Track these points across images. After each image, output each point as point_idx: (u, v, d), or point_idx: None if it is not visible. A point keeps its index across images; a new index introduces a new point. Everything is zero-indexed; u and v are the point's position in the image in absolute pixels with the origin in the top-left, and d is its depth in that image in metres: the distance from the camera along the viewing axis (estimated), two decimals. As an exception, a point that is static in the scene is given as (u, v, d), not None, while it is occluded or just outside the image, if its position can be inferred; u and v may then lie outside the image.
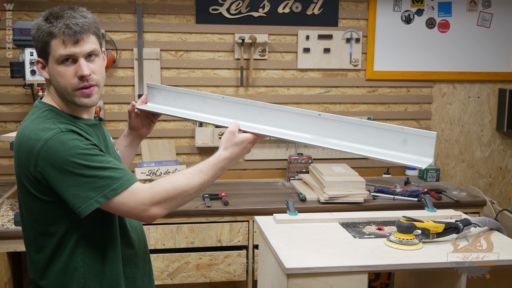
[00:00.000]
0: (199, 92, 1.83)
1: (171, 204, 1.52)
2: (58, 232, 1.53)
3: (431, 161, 1.48)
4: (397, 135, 1.51)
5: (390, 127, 1.53)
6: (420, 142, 1.49)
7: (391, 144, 1.52)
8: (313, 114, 1.63)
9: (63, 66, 1.50)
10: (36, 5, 3.31)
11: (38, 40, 1.51)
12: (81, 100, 1.53)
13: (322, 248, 2.02)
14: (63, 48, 1.48)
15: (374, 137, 1.54)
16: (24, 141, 1.49)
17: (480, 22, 3.79)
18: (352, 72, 3.71)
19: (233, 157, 1.62)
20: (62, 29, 1.47)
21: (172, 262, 2.94)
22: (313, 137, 1.63)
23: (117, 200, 1.47)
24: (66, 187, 1.44)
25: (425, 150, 1.48)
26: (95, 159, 1.46)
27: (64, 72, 1.50)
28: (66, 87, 1.51)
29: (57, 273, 1.55)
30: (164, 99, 1.88)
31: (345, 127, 1.58)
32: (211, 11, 3.49)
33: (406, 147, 1.50)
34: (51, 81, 1.55)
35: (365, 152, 1.54)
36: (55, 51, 1.49)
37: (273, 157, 3.68)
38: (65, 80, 1.51)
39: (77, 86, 1.51)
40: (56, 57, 1.49)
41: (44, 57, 1.53)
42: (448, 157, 3.90)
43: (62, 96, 1.55)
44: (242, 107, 1.74)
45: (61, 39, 1.48)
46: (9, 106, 3.38)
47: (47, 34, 1.49)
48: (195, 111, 1.83)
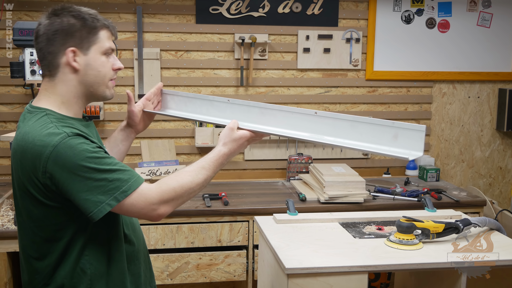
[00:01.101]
0: (207, 96, 1.92)
1: (178, 201, 1.56)
2: (65, 236, 1.53)
3: (420, 154, 1.55)
4: (389, 130, 1.59)
5: (382, 122, 1.60)
6: (410, 136, 1.56)
7: (383, 139, 1.60)
8: (310, 113, 1.71)
9: (106, 58, 1.59)
10: (36, 5, 3.31)
11: (84, 28, 1.54)
12: (111, 91, 1.64)
13: (322, 248, 2.02)
14: (109, 41, 1.60)
15: (367, 133, 1.62)
16: (28, 148, 1.48)
17: (480, 22, 3.79)
18: (352, 72, 3.71)
19: (231, 153, 1.68)
20: (109, 23, 1.60)
21: (172, 262, 2.94)
22: (310, 135, 1.71)
23: (127, 202, 1.48)
24: (77, 192, 1.45)
25: (415, 144, 1.56)
26: (103, 161, 1.47)
27: (107, 63, 1.59)
28: (106, 76, 1.60)
29: (64, 277, 1.55)
30: (177, 104, 1.98)
31: (339, 124, 1.66)
32: (211, 11, 3.49)
33: (397, 142, 1.58)
34: (86, 71, 1.56)
35: (358, 147, 1.62)
36: (103, 42, 1.58)
37: (273, 157, 3.68)
38: (106, 70, 1.60)
39: (112, 77, 1.63)
40: (105, 48, 1.58)
41: (83, 46, 1.55)
42: (448, 157, 3.90)
43: (88, 89, 1.59)
44: (245, 109, 1.81)
45: (110, 32, 1.60)
46: (9, 106, 3.38)
47: (100, 24, 1.57)
48: (204, 114, 1.93)
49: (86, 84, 1.57)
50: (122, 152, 1.90)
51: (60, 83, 1.56)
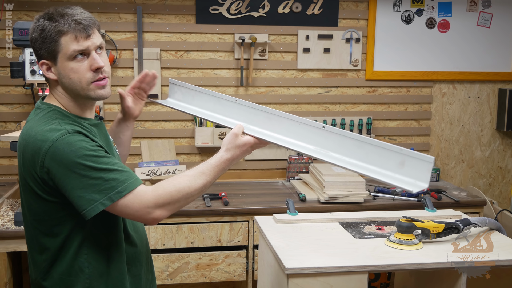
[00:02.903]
0: (215, 92, 1.88)
1: (174, 206, 1.53)
2: (63, 232, 1.53)
3: (425, 186, 1.50)
4: (396, 156, 1.54)
5: (390, 147, 1.55)
6: (417, 165, 1.51)
7: (389, 164, 1.55)
8: (317, 126, 1.66)
9: (76, 62, 1.51)
10: (36, 5, 3.31)
11: (45, 40, 1.50)
12: (97, 92, 1.55)
13: (322, 248, 2.02)
14: (75, 44, 1.50)
15: (373, 155, 1.57)
16: (30, 142, 1.49)
17: (480, 22, 3.79)
18: (352, 72, 3.71)
19: (234, 159, 1.62)
20: (72, 25, 1.49)
21: (172, 262, 2.94)
22: (315, 149, 1.65)
23: (121, 203, 1.47)
24: (72, 189, 1.45)
25: (421, 174, 1.51)
26: (101, 160, 1.46)
27: (78, 68, 1.51)
28: (81, 81, 1.52)
29: (61, 274, 1.55)
30: (184, 96, 1.95)
31: (346, 141, 1.61)
32: (211, 11, 3.49)
33: (404, 169, 1.53)
34: (61, 79, 1.54)
35: (363, 170, 1.56)
36: (67, 48, 1.50)
37: (273, 157, 3.68)
38: (80, 75, 1.52)
39: (92, 79, 1.53)
40: (69, 53, 1.50)
41: (51, 57, 1.52)
42: (448, 157, 3.90)
43: (74, 94, 1.55)
44: (252, 112, 1.77)
45: (73, 35, 1.49)
46: (9, 106, 3.38)
47: (56, 32, 1.49)
48: (209, 111, 1.88)
49: (68, 89, 1.56)
50: (124, 142, 1.89)
51: (58, 85, 1.58)
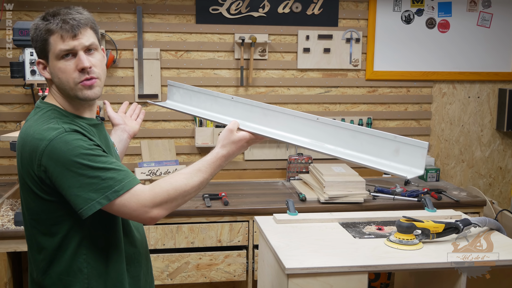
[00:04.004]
0: (212, 91, 1.90)
1: (172, 204, 1.53)
2: (60, 232, 1.53)
3: (421, 172, 1.51)
4: (390, 143, 1.56)
5: (384, 135, 1.57)
6: (412, 152, 1.52)
7: (384, 153, 1.56)
8: (311, 118, 1.68)
9: (64, 62, 1.52)
10: (36, 5, 3.31)
11: (37, 39, 1.53)
12: (84, 93, 1.54)
13: (322, 248, 2.02)
14: (62, 43, 1.50)
15: (368, 144, 1.59)
16: (28, 141, 1.49)
17: (480, 22, 3.79)
18: (352, 72, 3.71)
19: (230, 155, 1.62)
20: (59, 24, 1.49)
21: (172, 262, 2.94)
22: (310, 141, 1.67)
23: (118, 202, 1.47)
24: (69, 188, 1.45)
25: (416, 161, 1.52)
26: (98, 159, 1.46)
27: (65, 67, 1.52)
28: (68, 81, 1.52)
29: (60, 274, 1.55)
30: (182, 97, 1.98)
31: (341, 132, 1.63)
32: (211, 11, 3.49)
33: (398, 157, 1.54)
34: (53, 79, 1.56)
35: (358, 160, 1.58)
36: (55, 47, 1.51)
37: (273, 157, 3.68)
38: (67, 75, 1.52)
39: (78, 79, 1.53)
40: (56, 53, 1.51)
41: (44, 56, 1.54)
42: (448, 157, 3.90)
43: (65, 93, 1.56)
44: (248, 108, 1.78)
45: (59, 34, 1.49)
46: (9, 106, 3.38)
47: (45, 31, 1.50)
48: (207, 110, 1.90)
49: (60, 89, 1.57)
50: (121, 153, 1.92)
51: (54, 84, 1.59)
